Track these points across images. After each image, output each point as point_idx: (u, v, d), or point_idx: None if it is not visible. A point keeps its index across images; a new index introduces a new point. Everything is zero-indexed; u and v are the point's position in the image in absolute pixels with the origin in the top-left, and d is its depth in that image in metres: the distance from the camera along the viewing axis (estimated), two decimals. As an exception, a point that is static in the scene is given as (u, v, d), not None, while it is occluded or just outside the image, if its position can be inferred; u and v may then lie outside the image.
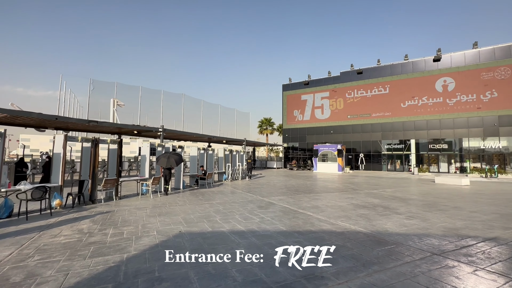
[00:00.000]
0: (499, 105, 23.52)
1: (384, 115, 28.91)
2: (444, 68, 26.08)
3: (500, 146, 23.65)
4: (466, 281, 2.96)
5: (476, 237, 4.65)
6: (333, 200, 8.63)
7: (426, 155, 26.96)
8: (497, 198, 9.39)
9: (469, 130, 24.64)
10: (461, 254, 3.80)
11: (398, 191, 11.23)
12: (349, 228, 5.17)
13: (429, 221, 5.82)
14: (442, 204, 8.12)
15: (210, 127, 30.91)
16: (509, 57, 23.35)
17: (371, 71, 30.19)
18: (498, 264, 3.46)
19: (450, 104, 25.53)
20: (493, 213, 6.75)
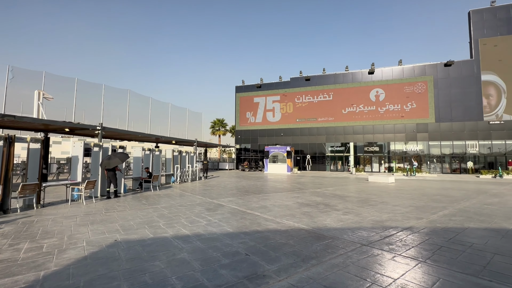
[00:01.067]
0: (417, 114, 27.88)
1: (328, 120, 31.44)
2: (376, 80, 29.72)
3: (418, 149, 28.04)
4: (387, 267, 3.38)
5: (396, 228, 5.37)
6: (281, 200, 8.98)
7: (362, 157, 30.26)
8: (414, 193, 11.06)
9: (395, 135, 28.57)
10: (384, 243, 4.34)
11: (338, 190, 12.30)
12: (293, 226, 5.43)
13: (361, 216, 6.51)
14: (373, 200, 9.19)
15: (159, 126, 29.01)
16: (424, 74, 27.90)
17: (317, 78, 32.55)
18: (411, 249, 4.06)
19: (381, 112, 29.20)
20: (410, 206, 7.92)
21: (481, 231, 5.13)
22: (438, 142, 27.24)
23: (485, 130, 25.62)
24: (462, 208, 7.67)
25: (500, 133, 25.25)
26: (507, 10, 25.87)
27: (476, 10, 26.62)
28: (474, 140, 26.06)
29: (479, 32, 26.33)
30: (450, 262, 3.55)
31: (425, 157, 27.84)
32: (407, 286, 2.85)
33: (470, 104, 26.15)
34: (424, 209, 7.41)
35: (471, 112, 26.11)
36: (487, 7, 26.42)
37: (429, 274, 3.17)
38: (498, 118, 25.32)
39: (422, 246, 4.20)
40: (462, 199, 9.34)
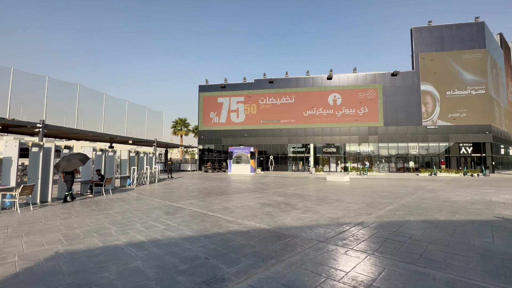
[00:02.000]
0: (369, 118, 30.46)
1: (290, 121, 32.53)
2: (334, 85, 31.71)
3: (369, 150, 30.65)
4: (340, 261, 3.60)
5: (349, 223, 5.77)
6: (243, 201, 8.99)
7: (321, 157, 31.97)
8: (366, 191, 12.04)
9: (350, 137, 30.80)
10: (339, 239, 4.63)
11: (299, 189, 12.79)
12: (254, 227, 5.47)
13: (319, 214, 6.85)
14: (330, 198, 9.75)
15: (115, 125, 26.71)
16: (375, 82, 30.62)
17: (280, 81, 33.47)
18: (362, 243, 4.39)
19: (338, 115, 31.23)
20: (362, 203, 8.60)
21: (419, 223, 5.79)
22: (386, 144, 30.13)
23: (423, 133, 29.12)
24: (404, 203, 8.57)
25: (435, 137, 28.94)
26: (440, 30, 29.84)
27: (416, 27, 30.14)
28: (415, 142, 29.43)
29: (419, 47, 29.88)
30: (393, 252, 3.93)
31: (375, 157, 30.56)
32: (357, 278, 3.07)
33: (412, 110, 29.47)
34: (373, 205, 8.10)
35: (412, 117, 29.44)
36: (426, 26, 30.12)
37: (376, 265, 3.46)
38: (434, 123, 29.00)
39: (371, 240, 4.58)
40: (404, 195, 10.45)
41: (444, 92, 29.11)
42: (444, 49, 29.47)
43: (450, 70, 29.19)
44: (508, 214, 6.74)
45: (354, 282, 2.97)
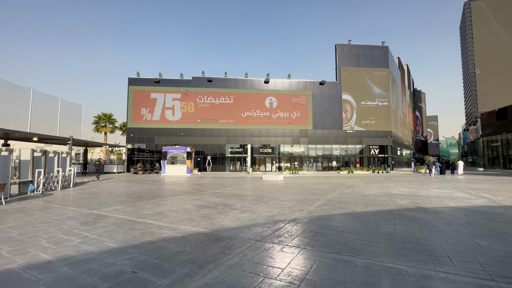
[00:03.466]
0: (300, 122, 33.18)
1: (228, 122, 32.60)
2: (271, 89, 33.35)
3: (300, 151, 33.39)
4: (276, 258, 3.72)
5: (284, 221, 6.09)
6: (178, 204, 8.47)
7: (258, 157, 33.13)
8: (298, 189, 13.01)
9: (284, 138, 32.93)
10: (275, 236, 4.81)
11: (236, 189, 12.87)
12: (191, 231, 5.19)
13: (256, 213, 7.01)
14: (266, 197, 10.13)
15: (15, 118, 21.46)
16: (306, 89, 33.58)
17: (219, 81, 33.19)
18: (295, 239, 4.67)
19: (274, 118, 32.96)
20: (295, 200, 9.23)
21: (341, 216, 6.55)
22: (314, 145, 33.41)
23: (344, 137, 33.50)
24: (329, 198, 9.60)
25: (352, 140, 33.65)
26: (357, 48, 34.94)
27: (340, 44, 34.49)
28: (337, 144, 33.56)
29: (342, 61, 34.27)
30: (322, 245, 4.30)
31: (305, 157, 33.51)
32: (292, 273, 3.22)
33: (335, 116, 33.54)
34: (304, 202, 8.80)
35: (335, 122, 33.50)
36: (347, 44, 34.77)
37: (308, 258, 3.71)
38: (351, 128, 33.69)
39: (303, 235, 4.92)
40: (329, 191, 11.73)
41: (359, 102, 34.17)
42: (359, 65, 34.60)
43: (364, 84, 34.48)
44: (404, 204, 8.31)
45: (290, 277, 3.11)
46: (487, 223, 5.72)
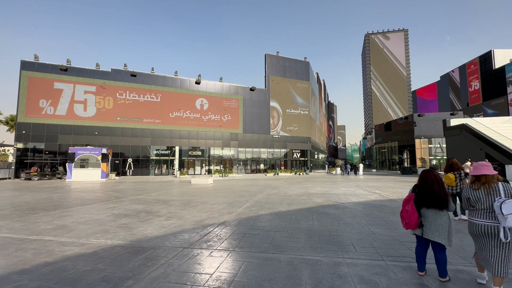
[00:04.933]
0: (231, 125, 33.64)
1: (155, 121, 30.16)
2: (202, 91, 32.67)
3: (231, 154, 33.80)
4: (205, 264, 3.63)
5: (213, 224, 6.01)
6: (89, 214, 7.26)
7: (187, 160, 31.78)
8: (227, 191, 13.09)
9: (215, 141, 32.70)
10: (203, 241, 4.68)
11: (162, 194, 11.97)
12: (105, 245, 4.52)
13: (184, 218, 6.68)
14: (195, 201, 9.79)
15: None
16: (237, 93, 34.35)
17: (145, 76, 30.42)
18: (225, 242, 4.67)
19: (205, 120, 32.36)
20: (224, 203, 9.25)
21: (268, 216, 6.93)
22: (244, 148, 34.39)
23: (271, 141, 35.73)
24: (257, 200, 10.03)
25: (278, 144, 36.23)
26: (284, 60, 38.07)
27: (269, 54, 36.82)
28: (264, 148, 35.49)
29: (270, 70, 36.62)
30: (250, 245, 4.45)
31: (235, 160, 34.09)
32: (221, 277, 3.20)
33: (263, 121, 35.46)
34: (234, 204, 8.91)
35: (263, 127, 35.42)
36: (275, 55, 37.41)
37: (237, 260, 3.77)
38: (278, 133, 36.28)
39: (233, 237, 4.97)
40: (257, 193, 12.26)
41: (285, 109, 37.18)
42: (286, 76, 37.74)
43: (289, 93, 37.77)
44: (320, 201, 9.45)
45: (218, 282, 3.08)
46: (378, 214, 7.08)
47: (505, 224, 2.60)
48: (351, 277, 3.18)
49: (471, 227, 2.95)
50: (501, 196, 2.75)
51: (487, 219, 2.80)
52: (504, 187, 2.82)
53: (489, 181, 2.87)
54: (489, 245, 2.80)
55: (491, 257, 2.78)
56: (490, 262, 2.77)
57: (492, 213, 2.77)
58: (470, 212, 2.99)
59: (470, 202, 2.96)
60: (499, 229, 2.70)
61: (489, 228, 2.77)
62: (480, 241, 2.88)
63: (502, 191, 2.78)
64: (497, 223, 2.72)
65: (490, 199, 2.80)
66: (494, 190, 2.82)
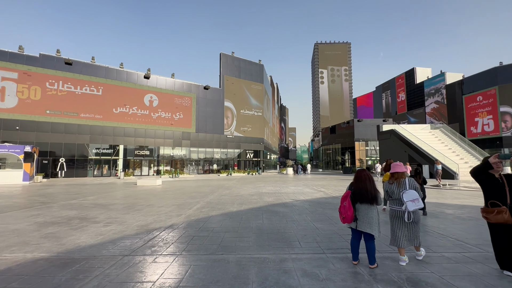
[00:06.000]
0: (183, 124, 32.32)
1: (95, 117, 27.08)
2: (151, 86, 30.59)
3: (182, 154, 32.44)
4: (147, 272, 3.39)
5: (159, 228, 5.66)
6: (4, 224, 6.10)
7: (133, 160, 29.35)
8: (177, 193, 12.51)
9: (165, 140, 30.96)
10: (147, 247, 4.37)
11: (101, 197, 10.80)
12: (23, 259, 3.85)
13: (126, 223, 6.14)
14: (140, 204, 9.09)
15: None
16: (190, 91, 33.17)
17: (83, 66, 27.08)
18: (171, 246, 4.44)
19: (154, 117, 30.38)
20: (173, 205, 8.81)
21: (219, 217, 6.85)
22: (196, 148, 33.38)
23: (224, 141, 35.49)
24: (209, 200, 9.83)
25: (232, 144, 36.19)
26: (239, 61, 38.27)
27: (224, 54, 36.54)
28: (218, 148, 35.06)
29: (225, 70, 36.38)
30: (199, 248, 4.32)
31: (187, 160, 32.84)
32: (165, 284, 3.03)
33: (217, 121, 35.02)
34: (183, 206, 8.56)
35: (217, 127, 34.97)
36: (230, 55, 37.31)
37: (183, 264, 3.62)
38: (231, 133, 36.23)
39: (180, 240, 4.76)
40: (209, 194, 12.03)
41: (239, 110, 37.37)
42: (240, 77, 37.98)
43: (243, 94, 38.11)
44: (270, 200, 9.75)
45: (162, 289, 2.90)
46: (322, 210, 7.65)
47: (407, 208, 3.50)
48: (295, 271, 3.36)
49: (390, 213, 3.79)
50: (407, 188, 3.61)
51: (398, 206, 3.67)
52: (409, 181, 3.69)
53: (399, 177, 3.75)
54: (402, 225, 3.62)
55: (402, 234, 3.59)
56: (403, 239, 3.58)
57: (401, 201, 3.62)
58: (390, 201, 3.83)
59: (388, 194, 3.82)
60: (404, 212, 3.58)
61: (399, 212, 3.65)
62: (397, 223, 3.68)
63: (407, 184, 3.65)
64: (403, 209, 3.58)
65: (400, 190, 3.65)
66: (403, 183, 3.68)
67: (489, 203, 3.25)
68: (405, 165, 10.49)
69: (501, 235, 3.21)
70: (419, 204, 3.50)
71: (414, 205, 3.49)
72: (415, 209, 3.52)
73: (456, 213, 7.16)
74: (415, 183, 3.69)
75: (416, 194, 3.54)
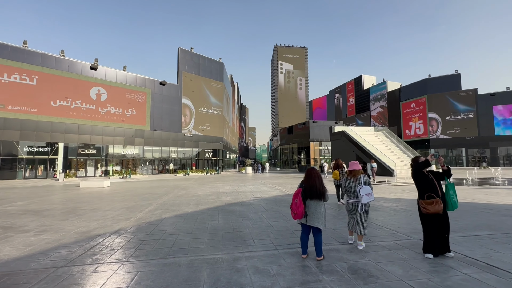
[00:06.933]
0: (136, 121, 30.17)
1: (27, 110, 23.57)
2: (99, 78, 27.83)
3: (135, 153, 30.26)
4: (86, 283, 3.08)
5: (104, 234, 5.19)
6: None
7: (75, 160, 26.34)
8: (127, 195, 11.62)
9: (115, 138, 28.49)
10: (88, 256, 3.97)
11: (34, 203, 9.45)
12: None
13: (63, 231, 5.48)
14: (82, 208, 8.20)
15: None
16: (144, 86, 31.10)
17: (12, 50, 23.34)
18: (116, 253, 4.10)
19: (102, 113, 27.70)
20: (122, 208, 8.16)
21: (173, 219, 6.57)
22: (151, 147, 31.47)
23: (182, 140, 34.18)
24: (163, 202, 9.36)
25: (190, 143, 35.05)
26: (198, 58, 37.23)
27: (182, 49, 35.13)
28: (175, 147, 33.61)
29: (183, 66, 35.01)
30: (148, 253, 4.08)
31: (140, 160, 30.73)
32: (107, 294, 2.79)
33: (174, 119, 33.54)
34: (133, 209, 7.99)
35: (174, 125, 33.50)
36: (188, 50, 36.03)
37: (129, 272, 3.37)
38: (190, 132, 35.08)
39: (127, 246, 4.43)
40: (163, 195, 11.45)
41: (198, 108, 36.38)
42: (200, 74, 36.99)
43: (202, 92, 37.21)
44: (227, 200, 9.71)
45: (102, 300, 2.67)
46: (277, 208, 7.91)
47: (361, 201, 4.09)
48: (247, 269, 3.40)
49: (347, 205, 4.40)
50: (362, 184, 4.20)
51: (354, 199, 4.27)
52: (364, 177, 4.31)
53: (356, 174, 4.35)
54: (355, 216, 4.22)
55: (356, 223, 4.21)
56: (357, 226, 4.20)
57: (356, 195, 4.20)
58: (346, 195, 4.43)
59: (346, 188, 4.41)
60: (358, 204, 4.17)
61: (354, 205, 4.25)
62: (351, 214, 4.29)
63: (363, 180, 4.25)
64: (358, 201, 4.18)
65: (356, 185, 4.24)
66: (359, 180, 4.27)
67: (425, 196, 3.76)
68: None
69: (433, 223, 3.75)
70: (372, 197, 4.10)
71: (368, 199, 4.07)
72: (369, 201, 4.11)
73: (392, 206, 8.09)
74: (369, 179, 4.32)
75: (370, 189, 4.13)
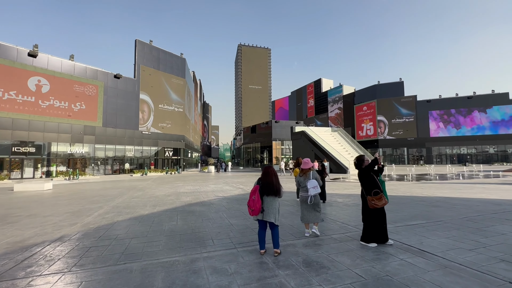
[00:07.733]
0: (86, 116, 27.41)
1: None
2: (40, 67, 24.60)
3: (84, 152, 27.48)
4: (17, 299, 2.70)
5: (42, 243, 4.62)
6: None
7: (8, 159, 22.92)
8: (73, 198, 10.51)
9: (59, 135, 25.50)
10: (20, 269, 3.49)
11: (-50, 211, 7.95)
12: None
13: (-10, 242, 4.73)
14: (15, 215, 7.17)
15: None
16: (96, 79, 28.42)
17: None
18: (57, 263, 3.69)
19: (43, 106, 24.56)
20: (66, 213, 7.36)
21: (126, 222, 6.14)
22: (104, 145, 28.90)
23: (139, 138, 32.11)
24: (115, 205, 8.68)
25: (148, 141, 33.10)
26: (158, 51, 35.31)
27: (140, 41, 32.94)
28: (131, 145, 31.42)
29: (141, 59, 32.86)
30: (95, 261, 3.75)
31: (90, 159, 28.01)
32: (42, 310, 2.49)
33: (131, 115, 31.32)
34: (80, 213, 7.26)
35: (131, 122, 31.28)
36: (147, 43, 33.94)
37: (71, 283, 3.06)
38: (148, 129, 33.12)
39: (70, 254, 4.01)
40: (116, 197, 10.62)
41: (157, 104, 34.52)
42: (159, 68, 35.12)
43: (162, 88, 35.41)
44: (188, 200, 9.42)
45: (36, 317, 2.37)
46: (239, 207, 7.94)
47: (309, 193, 4.64)
48: (205, 270, 3.35)
49: (300, 198, 4.93)
50: (310, 178, 4.77)
51: (305, 193, 4.78)
52: (313, 173, 4.85)
53: (306, 171, 4.88)
54: (307, 207, 4.74)
55: (310, 214, 4.73)
56: (310, 217, 4.72)
57: (307, 189, 4.71)
58: (300, 190, 4.93)
59: (299, 184, 4.93)
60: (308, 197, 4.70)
61: (305, 198, 4.78)
62: (304, 206, 4.79)
63: (311, 176, 4.81)
64: (308, 195, 4.70)
65: (306, 181, 4.78)
66: (309, 175, 4.82)
67: (372, 192, 4.14)
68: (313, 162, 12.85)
69: (376, 216, 4.16)
70: (317, 189, 4.64)
71: (314, 191, 4.63)
72: (315, 193, 4.65)
73: (344, 201, 8.73)
74: (316, 175, 4.90)
75: (315, 182, 4.69)
